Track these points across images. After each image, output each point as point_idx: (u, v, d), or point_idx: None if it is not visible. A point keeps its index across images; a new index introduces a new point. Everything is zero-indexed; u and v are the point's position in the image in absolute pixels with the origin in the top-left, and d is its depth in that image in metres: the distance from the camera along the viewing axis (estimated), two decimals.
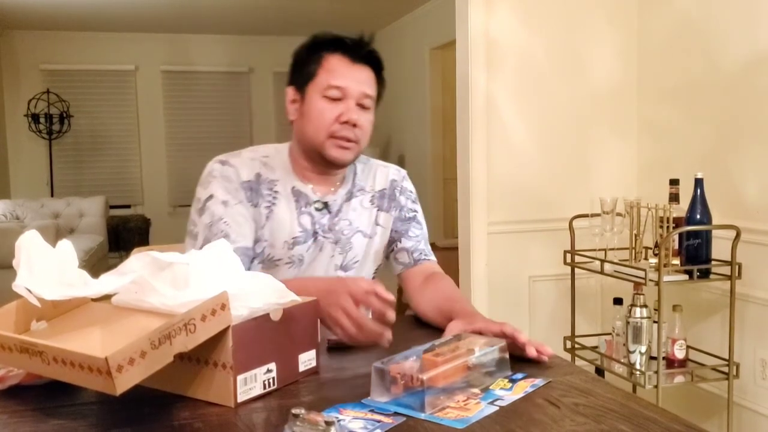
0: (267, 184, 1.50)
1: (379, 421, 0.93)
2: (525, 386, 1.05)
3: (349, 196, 1.57)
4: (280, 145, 1.59)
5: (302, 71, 1.49)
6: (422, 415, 0.94)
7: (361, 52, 1.48)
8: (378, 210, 1.60)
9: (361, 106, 1.47)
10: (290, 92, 1.52)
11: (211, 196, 1.46)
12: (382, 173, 1.64)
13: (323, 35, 1.50)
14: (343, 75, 1.45)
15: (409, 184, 1.67)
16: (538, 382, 1.07)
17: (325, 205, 1.54)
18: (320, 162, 1.50)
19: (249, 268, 1.45)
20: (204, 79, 7.80)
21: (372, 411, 0.96)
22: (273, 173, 1.52)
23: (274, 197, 1.50)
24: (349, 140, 1.46)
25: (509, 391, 1.03)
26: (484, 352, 1.06)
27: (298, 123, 1.51)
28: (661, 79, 3.00)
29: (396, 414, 0.95)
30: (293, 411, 0.85)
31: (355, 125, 1.45)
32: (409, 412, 0.95)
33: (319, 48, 1.48)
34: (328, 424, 0.83)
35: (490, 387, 1.04)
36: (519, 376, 1.09)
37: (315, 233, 1.51)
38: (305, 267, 1.51)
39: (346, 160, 1.50)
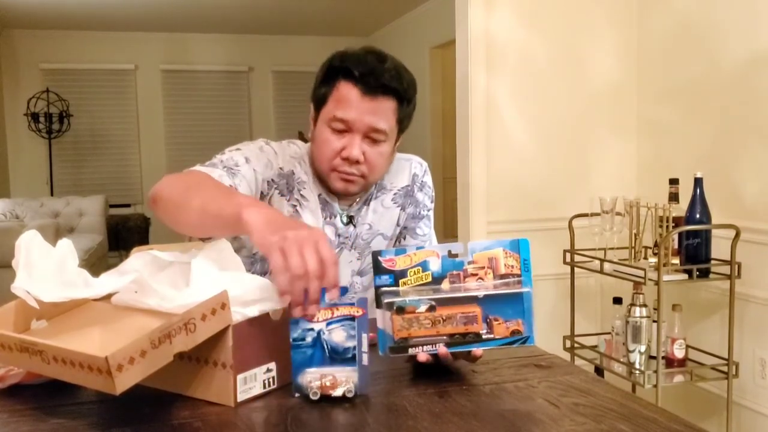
0: (298, 184, 1.46)
1: (351, 318, 0.99)
2: None
3: (368, 199, 1.51)
4: (306, 146, 1.51)
5: (318, 92, 1.41)
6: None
7: (373, 83, 1.34)
8: (401, 210, 1.55)
9: (372, 140, 1.38)
10: (311, 109, 1.46)
11: (238, 149, 1.41)
12: (405, 168, 1.56)
13: (341, 59, 1.38)
14: (349, 107, 1.35)
15: (429, 179, 1.60)
16: None
17: (350, 219, 1.49)
18: (330, 189, 1.45)
19: None
20: (203, 78, 7.80)
21: (334, 306, 1.00)
22: (304, 175, 1.47)
23: (301, 201, 1.45)
24: (350, 175, 1.39)
25: None
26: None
27: (311, 144, 1.46)
28: (661, 78, 3.00)
29: (360, 300, 1.01)
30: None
31: (357, 161, 1.37)
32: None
33: (335, 72, 1.38)
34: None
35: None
36: None
37: (340, 245, 1.48)
38: None
39: (350, 193, 1.43)
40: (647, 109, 3.09)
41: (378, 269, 1.07)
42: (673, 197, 2.51)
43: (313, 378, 0.99)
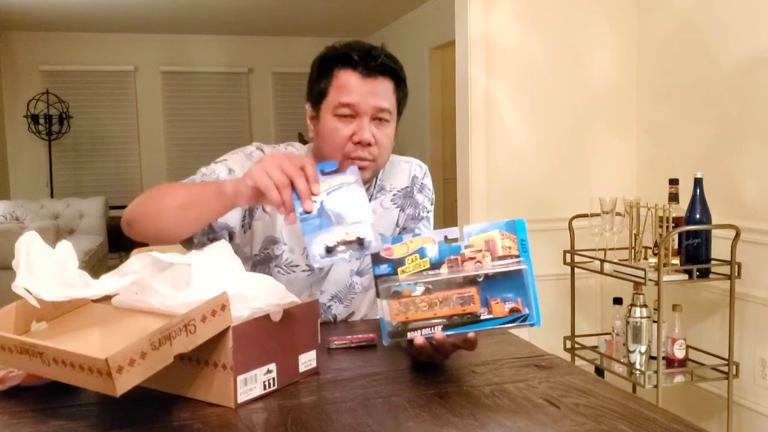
0: None
1: (347, 184, 1.08)
2: None
3: (369, 200, 1.52)
4: (305, 148, 1.52)
5: (315, 88, 1.42)
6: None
7: (371, 64, 1.37)
8: (400, 210, 1.55)
9: (379, 120, 1.39)
10: (308, 109, 1.45)
11: (224, 160, 1.43)
12: (404, 170, 1.58)
13: (334, 49, 1.41)
14: (353, 91, 1.36)
15: (429, 181, 1.61)
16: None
17: None
18: None
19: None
20: (203, 80, 7.80)
21: (330, 178, 1.09)
22: None
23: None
24: (364, 160, 1.38)
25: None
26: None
27: (315, 142, 1.45)
28: (661, 78, 3.00)
29: (352, 168, 1.12)
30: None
31: (369, 144, 1.37)
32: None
33: (330, 63, 1.40)
34: None
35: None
36: None
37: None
38: (322, 275, 1.48)
39: (363, 181, 1.46)
40: (647, 109, 3.09)
41: (376, 259, 1.08)
42: (673, 197, 2.51)
43: (326, 236, 1.05)
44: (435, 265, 1.06)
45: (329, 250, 1.04)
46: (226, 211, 1.23)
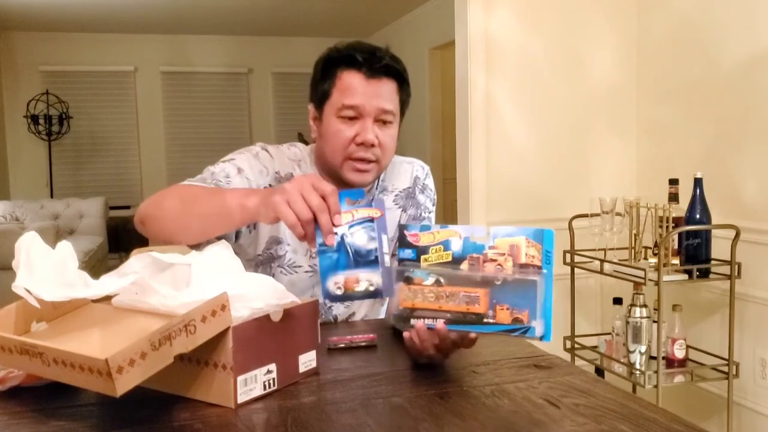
0: None
1: (371, 219, 1.07)
2: None
3: (370, 200, 1.53)
4: (308, 148, 1.52)
5: (318, 89, 1.41)
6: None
7: (376, 66, 1.37)
8: (402, 211, 1.56)
9: (382, 122, 1.39)
10: (311, 110, 1.45)
11: (231, 159, 1.42)
12: (407, 171, 1.58)
13: (337, 50, 1.40)
14: (357, 93, 1.36)
15: (431, 182, 1.61)
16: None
17: None
18: (341, 183, 1.43)
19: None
20: (203, 80, 7.80)
21: (353, 209, 1.07)
22: None
23: None
24: (367, 161, 1.38)
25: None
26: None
27: (318, 142, 1.45)
28: (661, 78, 3.00)
29: (377, 200, 1.11)
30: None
31: (372, 145, 1.37)
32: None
33: (334, 64, 1.39)
34: None
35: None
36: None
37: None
38: None
39: (365, 183, 1.43)
40: (647, 109, 3.10)
41: (402, 243, 1.10)
42: (673, 197, 2.51)
43: (339, 279, 1.05)
44: (457, 260, 1.07)
45: (342, 293, 1.06)
46: (244, 224, 1.22)
